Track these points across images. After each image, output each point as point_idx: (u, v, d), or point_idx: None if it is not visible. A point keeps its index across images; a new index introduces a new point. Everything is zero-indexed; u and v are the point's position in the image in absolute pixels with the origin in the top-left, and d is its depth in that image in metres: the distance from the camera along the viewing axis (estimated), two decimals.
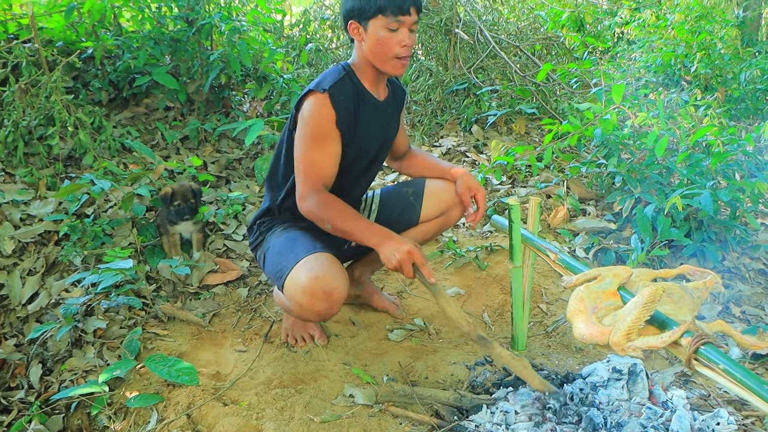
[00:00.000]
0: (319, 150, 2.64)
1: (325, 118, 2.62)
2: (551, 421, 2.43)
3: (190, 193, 3.54)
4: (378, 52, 2.63)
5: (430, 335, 3.17)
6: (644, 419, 2.40)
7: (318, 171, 2.64)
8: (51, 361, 3.05)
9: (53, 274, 3.50)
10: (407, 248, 2.45)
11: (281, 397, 2.67)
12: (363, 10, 2.58)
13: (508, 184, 4.59)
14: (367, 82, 2.76)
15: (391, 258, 2.47)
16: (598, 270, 2.28)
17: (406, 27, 2.59)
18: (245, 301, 3.37)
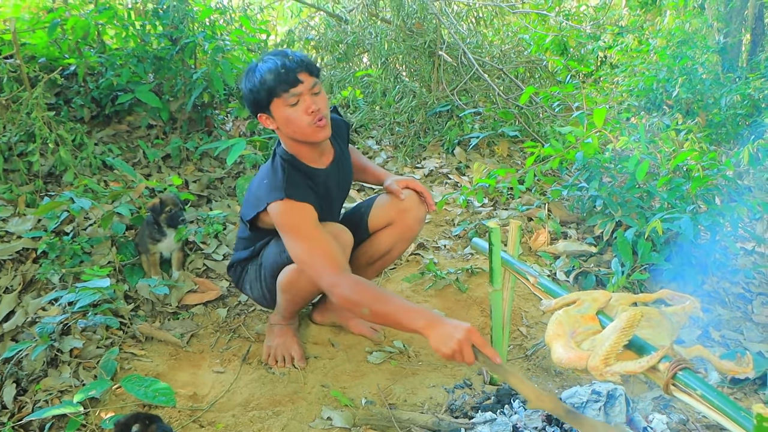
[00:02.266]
0: (319, 240, 2.60)
1: (303, 210, 2.65)
2: None
3: (178, 200, 3.55)
4: (294, 130, 2.65)
5: (409, 357, 3.16)
6: None
7: (331, 256, 2.55)
8: (26, 380, 3.00)
9: (30, 292, 3.46)
10: (465, 328, 2.19)
11: (258, 419, 2.64)
12: (259, 102, 2.62)
13: (489, 206, 4.60)
14: (306, 157, 2.80)
15: (446, 343, 2.19)
16: (577, 294, 2.27)
17: (305, 95, 2.59)
18: (224, 321, 3.35)
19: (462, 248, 4.08)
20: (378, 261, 3.13)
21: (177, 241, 3.57)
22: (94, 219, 3.81)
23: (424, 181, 5.02)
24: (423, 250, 4.02)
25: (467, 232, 4.23)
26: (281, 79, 2.54)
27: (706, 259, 3.84)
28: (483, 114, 5.85)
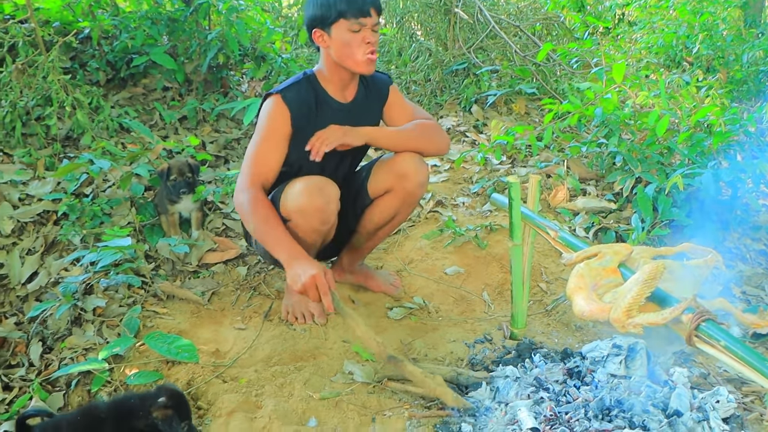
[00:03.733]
0: (267, 147, 2.75)
1: (279, 115, 2.75)
2: (550, 399, 2.43)
3: (187, 168, 3.54)
4: (344, 54, 2.71)
5: (429, 313, 3.17)
6: (643, 397, 2.40)
7: (261, 168, 2.74)
8: (51, 339, 3.04)
9: (52, 254, 3.49)
10: (313, 272, 2.43)
11: (281, 374, 2.67)
12: (325, 18, 2.68)
13: (507, 164, 4.57)
14: (332, 86, 2.84)
15: (296, 280, 2.46)
16: (598, 247, 2.27)
17: (368, 28, 2.67)
18: (244, 279, 3.37)
19: (480, 205, 4.07)
20: (385, 226, 3.10)
21: (195, 201, 3.58)
22: (113, 181, 3.83)
23: None
24: (441, 207, 4.01)
25: (485, 189, 4.21)
26: (355, 6, 2.62)
27: (728, 216, 3.81)
28: (500, 72, 5.79)
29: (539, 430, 2.28)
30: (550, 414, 2.35)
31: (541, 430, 2.28)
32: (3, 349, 3.14)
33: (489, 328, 3.04)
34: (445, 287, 3.34)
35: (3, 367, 3.06)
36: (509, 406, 2.43)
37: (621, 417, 2.31)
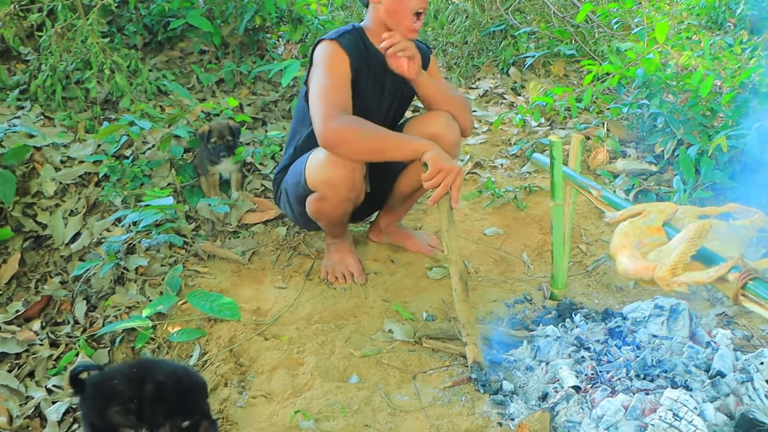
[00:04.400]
0: (337, 81, 2.63)
1: (339, 59, 2.67)
2: (591, 359, 2.43)
3: (228, 131, 3.54)
4: (393, 16, 2.67)
5: (468, 273, 3.16)
6: (686, 358, 2.38)
7: (339, 98, 2.59)
8: (95, 297, 3.10)
9: (94, 215, 3.54)
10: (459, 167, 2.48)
11: (322, 332, 2.69)
12: None
13: (546, 126, 4.53)
14: (377, 42, 2.76)
15: (443, 161, 2.47)
16: (642, 206, 2.24)
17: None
18: (284, 239, 3.38)
19: (519, 167, 4.04)
20: (420, 188, 3.06)
21: (235, 163, 3.60)
22: (153, 143, 3.85)
23: (478, 101, 4.96)
24: (480, 169, 3.99)
25: (524, 151, 4.18)
26: None
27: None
28: (538, 33, 5.71)
29: (580, 388, 2.28)
30: (591, 373, 2.35)
31: (583, 388, 2.28)
32: (49, 308, 3.20)
33: (528, 289, 3.03)
34: (484, 248, 3.33)
35: (50, 325, 3.13)
36: (550, 364, 2.43)
37: (663, 377, 2.29)
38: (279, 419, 2.29)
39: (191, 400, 2.08)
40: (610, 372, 2.33)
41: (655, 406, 2.13)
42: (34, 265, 3.48)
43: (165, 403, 2.05)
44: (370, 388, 2.40)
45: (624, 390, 2.23)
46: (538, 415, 2.20)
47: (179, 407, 2.06)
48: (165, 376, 2.08)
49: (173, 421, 1.99)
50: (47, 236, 3.54)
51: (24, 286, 3.40)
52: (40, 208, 3.62)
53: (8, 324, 3.15)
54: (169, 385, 2.07)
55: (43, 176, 3.68)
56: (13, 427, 2.65)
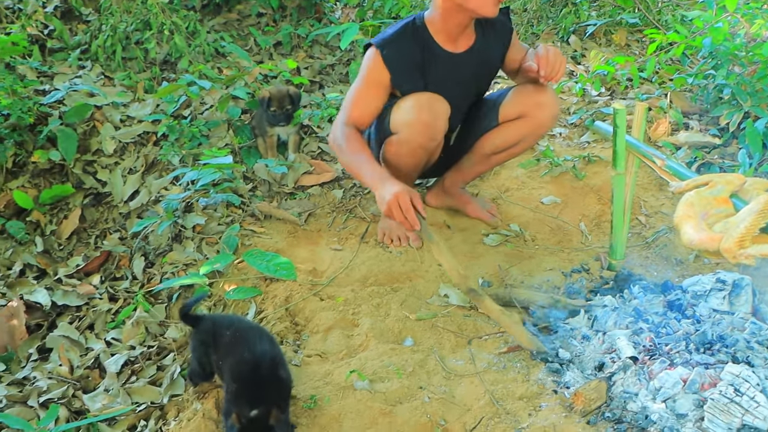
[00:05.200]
0: (365, 94, 2.76)
1: (375, 72, 2.73)
2: (650, 331, 2.38)
3: (287, 99, 3.54)
4: None
5: (525, 241, 3.13)
6: (748, 334, 2.32)
7: (358, 111, 2.76)
8: (152, 254, 3.14)
9: (152, 173, 3.58)
10: (396, 190, 2.41)
11: (377, 294, 2.69)
12: None
13: (606, 96, 4.43)
14: (443, 35, 2.74)
15: (381, 201, 2.45)
16: (709, 176, 2.17)
17: None
18: (340, 202, 3.38)
19: (578, 136, 3.97)
20: (503, 152, 3.04)
21: (293, 125, 3.60)
22: (211, 103, 3.87)
23: None
24: None
25: (583, 120, 4.10)
26: None
27: None
28: (600, 1, 5.59)
29: (638, 359, 2.24)
30: (649, 345, 2.31)
31: (640, 359, 2.24)
32: (108, 263, 3.26)
33: (586, 259, 2.98)
34: (542, 216, 3.28)
35: (109, 280, 3.19)
36: (607, 335, 2.40)
37: (723, 352, 2.24)
38: (333, 378, 2.30)
39: (275, 387, 2.10)
40: (669, 344, 2.29)
41: (715, 380, 2.09)
42: (94, 222, 3.54)
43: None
44: (425, 352, 2.40)
45: (683, 363, 2.19)
46: (594, 384, 2.18)
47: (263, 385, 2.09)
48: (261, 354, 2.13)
49: (241, 409, 2.00)
50: (107, 193, 3.60)
51: (84, 242, 3.47)
52: (99, 165, 3.68)
53: (69, 278, 3.22)
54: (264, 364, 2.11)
55: (103, 135, 3.74)
56: (73, 376, 2.71)
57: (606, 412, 2.13)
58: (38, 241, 3.43)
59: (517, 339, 2.43)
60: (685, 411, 2.04)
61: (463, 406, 2.20)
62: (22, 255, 3.37)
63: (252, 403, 1.98)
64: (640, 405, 2.11)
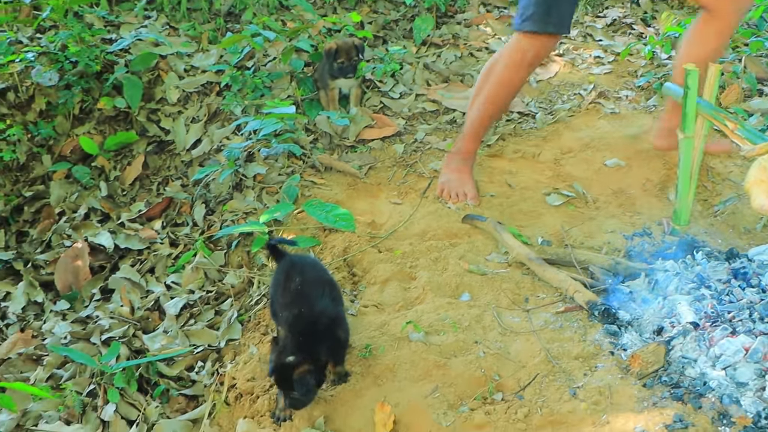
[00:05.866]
0: None
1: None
2: (712, 298, 2.34)
3: (354, 51, 3.53)
4: None
5: (587, 203, 3.08)
6: None
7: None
8: (213, 202, 3.18)
9: (215, 123, 3.61)
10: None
11: (435, 248, 2.68)
12: None
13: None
14: None
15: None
16: None
17: None
18: (401, 157, 3.37)
19: (645, 100, 3.88)
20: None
21: (356, 78, 3.59)
22: (274, 55, 3.87)
23: (605, 31, 4.76)
24: (604, 99, 3.86)
25: (651, 83, 4.00)
26: None
27: None
28: None
29: (699, 325, 2.20)
30: (711, 311, 2.26)
31: (701, 325, 2.20)
32: (170, 209, 3.31)
33: (649, 223, 2.93)
34: (604, 179, 3.23)
35: (170, 225, 3.25)
36: (667, 299, 2.36)
37: None
38: (389, 329, 2.32)
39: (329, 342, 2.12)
40: (732, 312, 2.24)
41: None
42: (157, 169, 3.60)
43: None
44: (482, 307, 2.39)
45: (746, 332, 2.14)
46: (652, 348, 2.15)
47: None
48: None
49: (279, 355, 2.02)
50: (169, 141, 3.64)
51: (146, 188, 3.53)
52: (163, 114, 3.73)
53: (131, 222, 3.29)
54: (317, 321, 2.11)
55: (167, 84, 3.78)
56: (134, 317, 2.78)
57: (663, 376, 2.10)
58: (102, 186, 3.50)
59: (576, 300, 2.41)
60: (746, 380, 2.00)
61: (517, 363, 2.19)
62: (87, 199, 3.45)
63: (294, 352, 2.00)
64: (698, 371, 2.07)
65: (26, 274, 3.15)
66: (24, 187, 3.63)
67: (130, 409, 2.36)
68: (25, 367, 2.70)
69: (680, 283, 2.42)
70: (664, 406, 1.96)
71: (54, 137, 3.67)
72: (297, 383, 1.96)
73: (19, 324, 2.97)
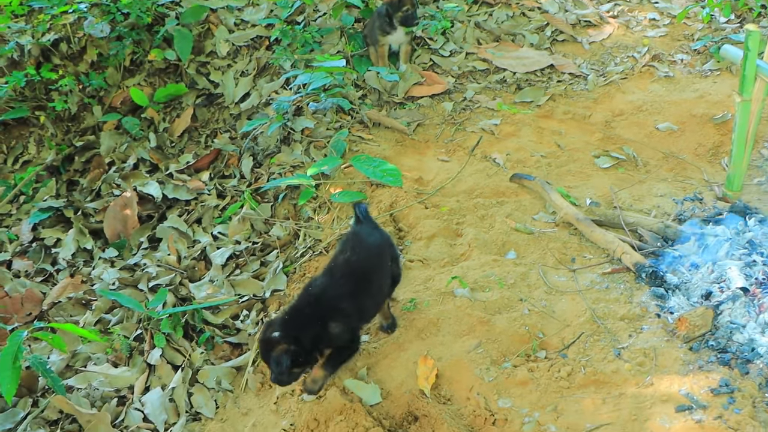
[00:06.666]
0: None
1: None
2: (764, 264, 2.29)
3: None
4: None
5: (637, 166, 3.03)
6: None
7: None
8: (261, 154, 3.20)
9: (264, 77, 3.62)
10: None
11: (482, 206, 2.67)
12: None
13: (735, 23, 4.20)
14: None
15: None
16: None
17: None
18: (449, 114, 3.35)
19: (700, 64, 3.79)
20: None
21: (407, 34, 3.55)
22: (324, 10, 3.85)
23: None
24: (658, 62, 3.77)
25: (708, 47, 3.90)
26: None
27: None
28: None
29: (749, 290, 2.16)
30: (763, 278, 2.22)
31: (751, 291, 2.16)
32: (217, 161, 3.34)
33: (699, 188, 2.87)
34: (656, 142, 3.17)
35: (217, 177, 3.27)
36: (717, 264, 2.32)
37: None
38: (434, 284, 2.32)
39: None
40: None
41: None
42: (205, 121, 3.63)
43: None
44: (528, 265, 2.38)
45: None
46: (700, 311, 2.12)
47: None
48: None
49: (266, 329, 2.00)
50: (218, 94, 3.66)
51: (195, 140, 3.56)
52: (213, 67, 3.75)
53: (180, 173, 3.33)
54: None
55: (217, 37, 3.79)
56: (181, 266, 2.82)
57: (710, 341, 2.07)
58: (152, 137, 3.54)
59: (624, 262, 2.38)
60: None
61: (562, 322, 2.18)
62: (136, 150, 3.50)
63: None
64: (747, 337, 2.04)
65: (76, 221, 3.21)
66: (75, 137, 3.70)
67: (176, 355, 2.41)
68: (74, 311, 2.77)
69: (731, 248, 2.38)
70: (710, 370, 1.94)
71: (105, 88, 3.72)
72: (273, 361, 1.92)
73: (69, 270, 3.04)
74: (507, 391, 1.98)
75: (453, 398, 2.02)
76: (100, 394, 2.29)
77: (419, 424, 1.95)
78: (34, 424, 2.16)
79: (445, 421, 1.90)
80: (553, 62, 3.70)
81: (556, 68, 3.68)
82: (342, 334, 2.01)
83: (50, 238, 3.21)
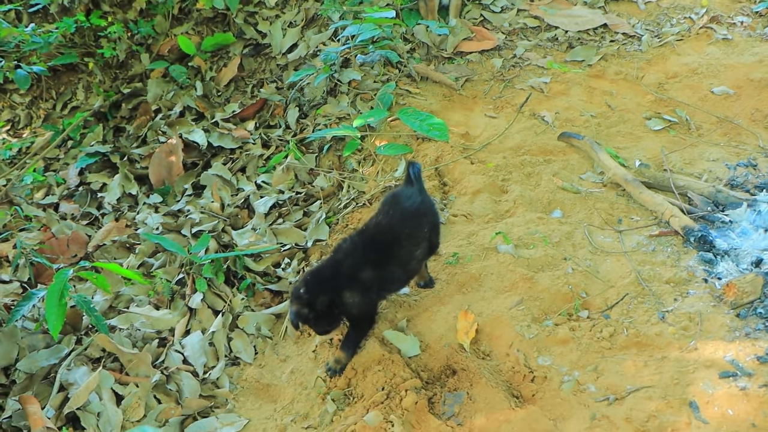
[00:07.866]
0: None
1: None
2: None
3: None
4: None
5: (689, 130, 2.96)
6: None
7: None
8: (307, 105, 3.18)
9: (312, 28, 3.59)
10: None
11: (529, 163, 2.63)
12: None
13: None
14: None
15: None
16: None
17: None
18: (498, 71, 3.29)
19: (762, 27, 3.66)
20: None
21: None
22: None
23: None
24: (716, 24, 3.66)
25: None
26: None
27: None
28: None
29: None
30: None
31: None
32: (263, 111, 3.33)
33: (754, 154, 2.79)
34: (710, 106, 3.09)
35: (263, 127, 3.27)
36: None
37: None
38: (477, 239, 2.29)
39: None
40: None
41: None
42: (252, 71, 3.61)
43: None
44: (573, 225, 2.34)
45: None
46: (750, 278, 2.07)
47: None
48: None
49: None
50: (266, 45, 3.64)
51: (241, 90, 3.56)
52: (261, 17, 3.72)
53: (225, 122, 3.33)
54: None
55: None
56: (224, 213, 2.83)
57: (759, 308, 2.02)
58: (198, 86, 3.54)
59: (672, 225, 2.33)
60: None
61: (606, 282, 2.15)
62: (183, 98, 3.50)
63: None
64: None
65: (122, 167, 3.23)
66: (122, 84, 3.72)
67: (217, 300, 2.42)
68: (118, 253, 2.80)
69: None
70: (757, 337, 1.90)
71: (153, 36, 3.72)
72: (290, 314, 1.94)
73: (114, 214, 3.08)
74: (547, 349, 1.96)
75: (492, 354, 2.00)
76: (141, 335, 2.32)
77: (457, 377, 1.95)
78: (78, 360, 2.19)
79: (483, 376, 1.89)
80: (607, 22, 3.60)
81: (610, 28, 3.59)
82: (357, 306, 1.97)
83: (96, 182, 3.26)
